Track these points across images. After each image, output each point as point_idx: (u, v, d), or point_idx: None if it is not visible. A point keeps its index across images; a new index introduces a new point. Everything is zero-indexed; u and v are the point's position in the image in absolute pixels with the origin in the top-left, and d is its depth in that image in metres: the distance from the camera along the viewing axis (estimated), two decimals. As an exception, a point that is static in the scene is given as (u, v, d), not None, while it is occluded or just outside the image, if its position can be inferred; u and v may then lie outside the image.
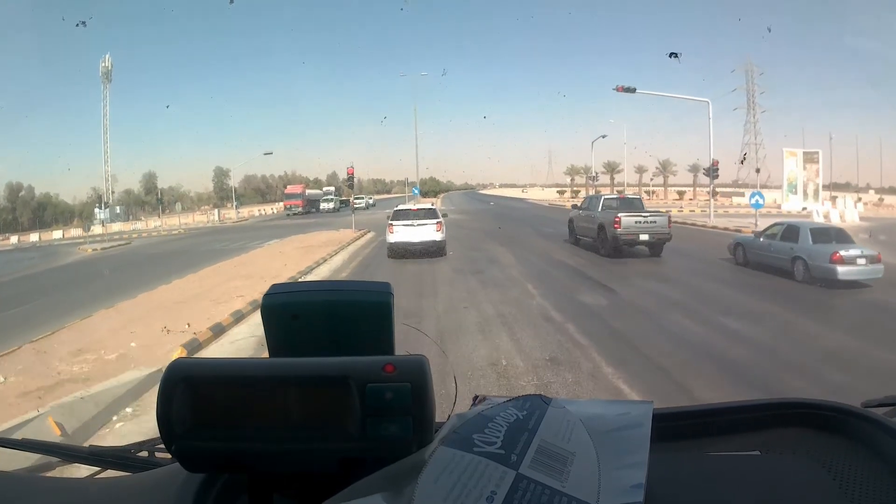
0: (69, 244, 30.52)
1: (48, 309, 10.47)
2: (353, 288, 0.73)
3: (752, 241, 12.02)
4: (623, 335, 6.71)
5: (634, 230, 13.16)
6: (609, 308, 8.24)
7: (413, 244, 13.57)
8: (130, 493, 0.77)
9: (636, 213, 13.63)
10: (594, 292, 9.24)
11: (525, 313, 7.80)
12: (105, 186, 65.98)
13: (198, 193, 72.09)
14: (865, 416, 0.76)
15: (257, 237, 24.07)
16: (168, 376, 0.60)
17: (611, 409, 0.67)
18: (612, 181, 64.75)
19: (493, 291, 9.25)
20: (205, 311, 8.54)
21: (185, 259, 17.33)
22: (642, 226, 13.23)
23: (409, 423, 0.58)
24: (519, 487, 0.52)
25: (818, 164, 33.26)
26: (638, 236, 13.19)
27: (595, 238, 14.24)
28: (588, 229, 14.79)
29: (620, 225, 13.09)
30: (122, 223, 50.31)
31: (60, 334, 7.82)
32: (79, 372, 6.03)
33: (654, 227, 13.30)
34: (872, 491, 0.64)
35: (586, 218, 14.96)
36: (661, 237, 13.35)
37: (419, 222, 13.80)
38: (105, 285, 13.24)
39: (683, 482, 0.67)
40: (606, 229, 13.45)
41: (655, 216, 13.44)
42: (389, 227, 13.94)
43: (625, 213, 13.27)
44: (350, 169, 21.73)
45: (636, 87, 22.69)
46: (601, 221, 13.84)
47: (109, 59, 62.85)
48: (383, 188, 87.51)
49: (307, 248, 16.21)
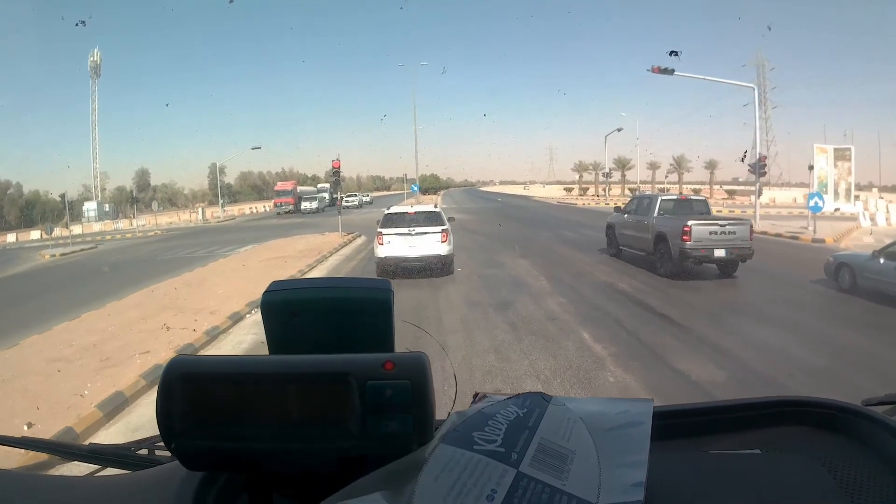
0: (37, 247, 27.50)
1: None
2: (353, 285, 0.72)
3: (864, 263, 8.69)
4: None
5: (709, 243, 9.79)
6: (732, 386, 4.88)
7: (409, 260, 10.17)
8: (130, 491, 0.76)
9: (710, 220, 10.25)
10: (689, 350, 5.87)
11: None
12: (94, 183, 63.90)
13: (192, 190, 70.46)
14: (866, 415, 0.75)
15: (233, 241, 21.09)
16: (167, 374, 0.59)
17: (611, 407, 0.65)
18: (624, 178, 61.49)
19: (536, 350, 5.87)
20: (74, 388, 5.23)
21: (132, 273, 14.47)
22: (718, 238, 9.85)
23: (410, 421, 0.57)
24: (519, 486, 0.51)
25: (850, 162, 29.71)
26: (712, 252, 9.82)
27: (649, 251, 10.87)
28: (637, 240, 11.40)
29: (691, 236, 9.71)
30: (104, 223, 48.07)
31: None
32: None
33: (733, 240, 9.92)
34: (873, 489, 0.63)
35: (635, 225, 11.55)
36: (742, 253, 9.98)
37: (418, 230, 10.38)
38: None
39: (684, 480, 0.66)
40: (669, 241, 10.07)
41: (735, 225, 10.05)
42: (378, 236, 10.55)
43: (697, 221, 9.89)
44: (335, 162, 18.18)
45: (674, 69, 19.32)
46: (660, 231, 10.45)
47: (98, 54, 60.24)
48: (382, 185, 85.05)
49: (278, 261, 12.86)
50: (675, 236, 9.91)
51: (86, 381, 5.44)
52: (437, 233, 10.36)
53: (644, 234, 11.04)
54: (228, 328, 7.30)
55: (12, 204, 59.12)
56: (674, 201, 11.39)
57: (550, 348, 5.90)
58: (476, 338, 6.38)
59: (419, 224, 10.50)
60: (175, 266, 14.45)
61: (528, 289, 9.20)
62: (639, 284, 9.50)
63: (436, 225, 10.48)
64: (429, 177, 68.99)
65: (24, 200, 59.85)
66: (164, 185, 71.47)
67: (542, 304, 8.05)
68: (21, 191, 60.38)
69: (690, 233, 9.70)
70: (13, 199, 59.55)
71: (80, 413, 4.63)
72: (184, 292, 9.85)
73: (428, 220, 10.61)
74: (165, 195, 70.14)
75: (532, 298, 8.40)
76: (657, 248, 10.53)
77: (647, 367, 5.27)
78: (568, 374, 5.14)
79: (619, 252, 12.46)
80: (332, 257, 13.85)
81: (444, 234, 10.38)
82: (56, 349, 6.66)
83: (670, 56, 18.43)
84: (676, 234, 9.89)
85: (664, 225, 10.45)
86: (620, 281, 9.78)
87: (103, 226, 46.99)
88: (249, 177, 71.71)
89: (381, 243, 10.38)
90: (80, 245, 26.22)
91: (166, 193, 70.58)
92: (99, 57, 61.09)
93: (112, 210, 57.13)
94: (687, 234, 9.71)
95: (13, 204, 59.22)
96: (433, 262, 10.28)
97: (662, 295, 8.71)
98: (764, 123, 66.78)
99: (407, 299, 8.40)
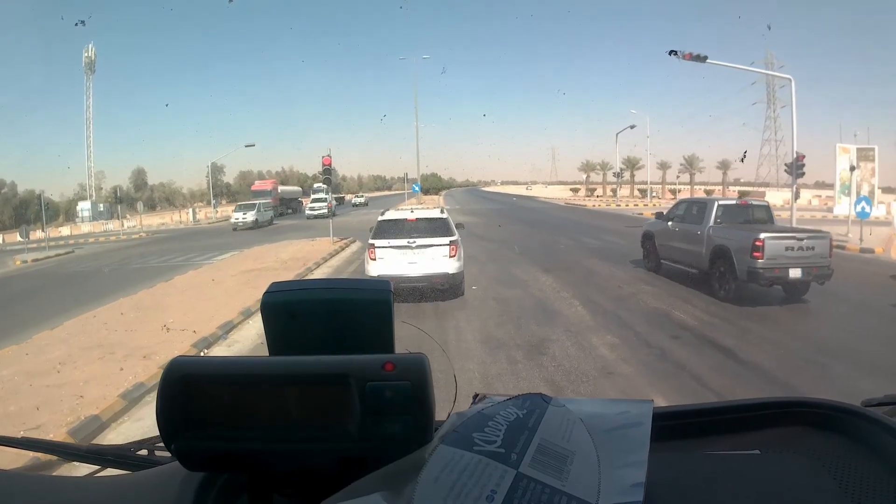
0: (17, 250, 25.65)
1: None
2: (353, 286, 0.72)
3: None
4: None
5: (784, 262, 7.78)
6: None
7: (409, 280, 8.12)
8: (130, 491, 0.76)
9: (787, 233, 8.24)
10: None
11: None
12: (88, 183, 62.42)
13: (190, 190, 69.29)
14: (865, 415, 0.74)
15: (215, 247, 19.31)
16: (168, 375, 0.59)
17: (611, 407, 0.64)
18: (633, 178, 59.30)
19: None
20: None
21: (89, 287, 12.78)
22: (795, 254, 7.85)
23: (409, 422, 0.57)
24: (519, 486, 0.51)
25: (874, 163, 27.71)
26: (787, 272, 7.81)
27: (703, 268, 8.87)
28: (687, 253, 9.39)
29: (763, 253, 7.71)
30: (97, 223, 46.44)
31: None
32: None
33: (812, 257, 7.92)
34: (872, 490, 0.63)
35: (683, 236, 9.54)
36: (821, 273, 7.98)
37: (420, 242, 8.36)
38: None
39: (683, 481, 0.66)
40: (734, 258, 8.06)
41: (813, 238, 8.04)
42: (370, 249, 8.54)
43: (771, 234, 7.88)
44: (326, 159, 15.90)
45: (707, 56, 17.27)
46: (721, 244, 8.44)
47: (93, 49, 58.58)
48: (384, 185, 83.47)
49: (254, 274, 10.87)
50: (743, 252, 7.91)
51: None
52: (443, 245, 8.33)
53: (696, 248, 9.04)
54: (154, 387, 5.32)
55: (6, 203, 57.70)
56: (735, 206, 9.31)
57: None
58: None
59: (421, 234, 8.47)
60: (141, 278, 12.58)
61: (562, 319, 7.21)
62: (700, 314, 7.49)
63: (442, 235, 8.45)
64: (430, 176, 67.17)
65: (18, 200, 58.51)
66: (161, 184, 70.15)
67: (585, 345, 6.06)
68: (15, 190, 59.09)
69: (763, 248, 7.70)
70: (7, 198, 58.12)
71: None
72: (128, 319, 7.89)
73: (432, 229, 8.56)
74: (163, 194, 68.69)
75: (570, 336, 6.41)
76: (715, 266, 8.52)
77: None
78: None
79: (658, 266, 10.46)
80: (318, 270, 11.87)
81: (452, 246, 8.35)
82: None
83: (669, 56, 16.45)
84: (744, 250, 7.89)
85: (725, 237, 8.44)
86: (675, 308, 7.78)
87: (93, 227, 45.45)
88: (249, 176, 70.15)
89: (373, 258, 8.36)
90: (57, 249, 24.46)
91: (164, 193, 69.10)
92: (94, 53, 59.39)
93: (106, 210, 55.66)
94: (759, 249, 7.71)
95: (7, 203, 57.79)
96: (439, 282, 8.25)
97: (737, 331, 6.73)
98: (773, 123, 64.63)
99: (402, 338, 6.40)
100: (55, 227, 44.81)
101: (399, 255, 8.26)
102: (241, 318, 7.57)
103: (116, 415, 4.68)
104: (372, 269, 8.28)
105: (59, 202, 61.84)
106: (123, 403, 4.83)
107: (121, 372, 5.58)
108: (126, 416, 4.72)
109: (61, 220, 55.59)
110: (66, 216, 58.25)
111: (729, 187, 52.54)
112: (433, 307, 8.03)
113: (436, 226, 8.60)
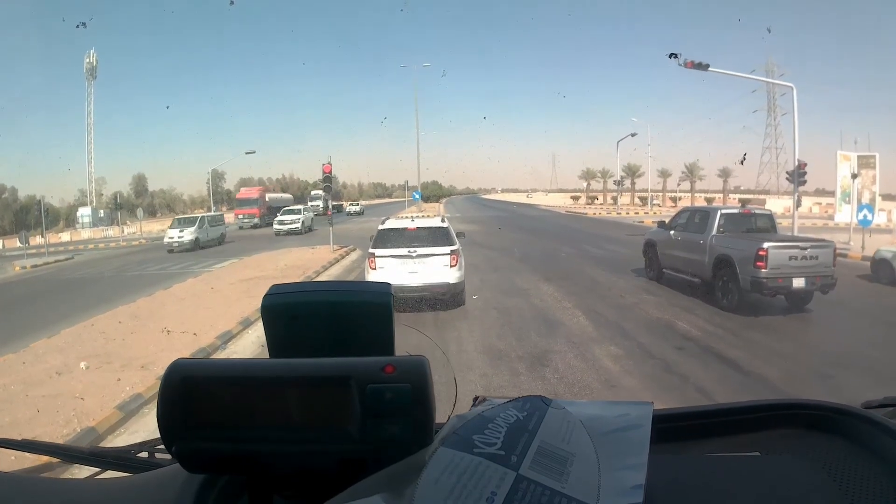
0: (17, 255, 25.61)
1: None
2: (354, 288, 0.72)
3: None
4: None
5: (787, 271, 7.73)
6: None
7: (410, 290, 8.03)
8: (131, 493, 0.76)
9: (790, 242, 8.19)
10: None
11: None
12: (89, 188, 62.46)
13: (191, 196, 69.31)
14: (866, 417, 0.74)
15: (214, 254, 19.20)
16: (168, 377, 0.59)
17: (611, 410, 0.64)
18: (634, 186, 59.36)
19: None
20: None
21: (88, 294, 12.68)
22: (798, 264, 7.80)
23: (410, 424, 0.57)
24: (519, 488, 0.51)
25: (875, 170, 27.73)
26: (791, 281, 7.76)
27: (705, 278, 8.82)
28: (689, 263, 9.34)
29: (767, 262, 7.66)
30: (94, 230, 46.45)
31: None
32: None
33: (815, 266, 7.87)
34: (873, 492, 0.63)
35: (686, 245, 9.49)
36: (825, 282, 7.93)
37: (420, 252, 8.32)
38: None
39: (683, 483, 0.66)
40: (737, 267, 8.01)
41: (816, 248, 8.00)
42: (370, 258, 8.49)
43: (774, 244, 7.83)
44: (326, 166, 15.89)
45: (709, 64, 17.34)
46: (723, 253, 8.40)
47: (94, 55, 58.75)
48: (384, 192, 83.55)
49: (253, 283, 10.81)
50: (746, 262, 7.86)
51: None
52: (444, 255, 8.29)
53: (698, 257, 8.99)
54: (152, 399, 5.25)
55: (6, 209, 57.71)
56: (738, 214, 9.27)
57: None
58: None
59: (422, 243, 8.43)
60: (140, 285, 12.53)
61: (563, 329, 7.14)
62: (703, 323, 7.43)
63: (443, 244, 8.41)
64: (431, 184, 67.34)
65: (18, 205, 58.51)
66: (162, 190, 70.18)
67: (588, 356, 6.00)
68: (16, 195, 59.10)
69: (766, 258, 7.65)
70: (7, 203, 58.13)
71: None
72: (125, 328, 7.82)
73: (433, 238, 8.52)
74: (164, 201, 68.69)
75: (573, 346, 6.35)
76: (717, 275, 8.47)
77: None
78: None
79: (660, 275, 10.40)
80: (318, 279, 11.81)
81: (453, 256, 8.31)
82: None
83: (670, 59, 16.47)
84: (747, 259, 7.84)
85: (727, 246, 8.40)
86: (678, 318, 7.71)
87: (93, 233, 45.36)
88: (249, 182, 70.28)
89: (373, 268, 8.31)
90: (57, 255, 24.38)
91: (165, 199, 69.13)
92: (95, 59, 59.59)
93: (106, 216, 55.60)
94: (762, 259, 7.66)
95: (7, 209, 57.80)
96: (440, 292, 8.20)
97: (740, 341, 6.66)
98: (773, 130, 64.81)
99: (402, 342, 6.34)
100: (55, 233, 44.73)
101: (399, 265, 8.22)
102: (240, 327, 7.50)
103: (113, 427, 4.61)
104: (372, 278, 8.21)
105: (59, 208, 61.76)
106: (120, 415, 4.75)
107: (118, 382, 5.51)
108: (122, 429, 4.64)
109: (61, 226, 55.57)
110: (67, 222, 58.24)
111: (729, 195, 52.67)
112: (433, 316, 7.96)
113: (436, 235, 8.57)
